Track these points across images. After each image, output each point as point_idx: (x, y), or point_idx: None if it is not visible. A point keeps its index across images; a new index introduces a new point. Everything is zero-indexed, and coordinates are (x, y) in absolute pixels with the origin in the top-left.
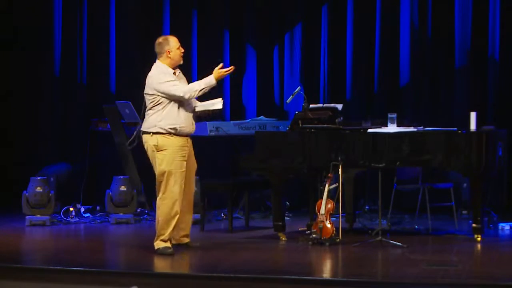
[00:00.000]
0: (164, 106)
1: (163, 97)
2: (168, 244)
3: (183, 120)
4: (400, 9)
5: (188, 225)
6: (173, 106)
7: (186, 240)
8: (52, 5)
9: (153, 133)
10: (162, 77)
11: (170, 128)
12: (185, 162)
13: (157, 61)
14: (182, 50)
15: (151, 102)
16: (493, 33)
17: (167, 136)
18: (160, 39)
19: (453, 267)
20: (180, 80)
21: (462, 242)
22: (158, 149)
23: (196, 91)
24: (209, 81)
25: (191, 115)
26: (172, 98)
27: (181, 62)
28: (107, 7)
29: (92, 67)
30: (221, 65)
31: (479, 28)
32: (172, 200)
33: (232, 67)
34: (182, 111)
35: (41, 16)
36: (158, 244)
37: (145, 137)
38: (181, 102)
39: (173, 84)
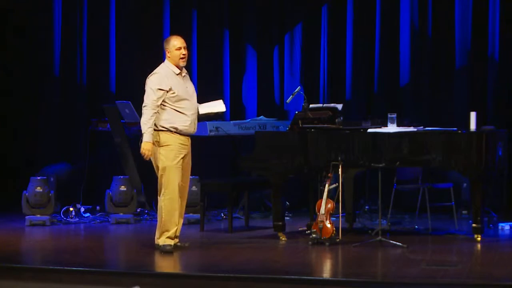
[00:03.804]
0: (165, 106)
1: (165, 97)
2: (171, 242)
3: (184, 121)
4: (400, 9)
5: (180, 225)
6: (175, 107)
7: (176, 241)
8: (52, 5)
9: (155, 129)
10: (155, 82)
11: (172, 127)
12: (182, 160)
13: (165, 59)
14: (183, 52)
15: None
16: (493, 33)
17: (168, 133)
18: (167, 38)
19: (453, 267)
20: (184, 81)
21: (462, 242)
22: (160, 144)
23: (145, 119)
24: (148, 137)
25: (193, 116)
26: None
27: (180, 64)
28: (107, 7)
29: (92, 67)
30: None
31: (479, 28)
32: (173, 196)
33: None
34: (183, 111)
35: (41, 16)
36: (163, 241)
37: None
38: (183, 103)
39: (149, 95)
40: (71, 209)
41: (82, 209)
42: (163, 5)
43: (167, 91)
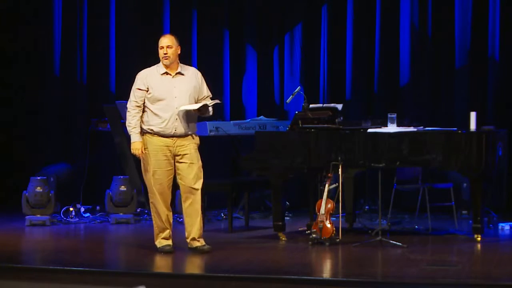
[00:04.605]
0: (145, 107)
1: (145, 98)
2: (168, 242)
3: (160, 122)
4: (400, 9)
5: (195, 227)
6: (152, 108)
7: (197, 243)
8: (52, 5)
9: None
10: (136, 83)
11: (149, 129)
12: (169, 162)
13: None
14: (164, 51)
15: None
16: (493, 33)
17: (148, 135)
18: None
19: (453, 267)
20: (175, 81)
21: (462, 242)
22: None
23: (127, 120)
24: (134, 138)
25: (174, 116)
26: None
27: (164, 62)
28: (107, 7)
29: (92, 67)
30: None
31: (479, 28)
32: (155, 199)
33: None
34: (158, 112)
35: (41, 16)
36: (160, 243)
37: None
38: (160, 104)
39: (130, 96)
40: (71, 209)
41: (82, 209)
42: (163, 5)
43: (146, 91)
